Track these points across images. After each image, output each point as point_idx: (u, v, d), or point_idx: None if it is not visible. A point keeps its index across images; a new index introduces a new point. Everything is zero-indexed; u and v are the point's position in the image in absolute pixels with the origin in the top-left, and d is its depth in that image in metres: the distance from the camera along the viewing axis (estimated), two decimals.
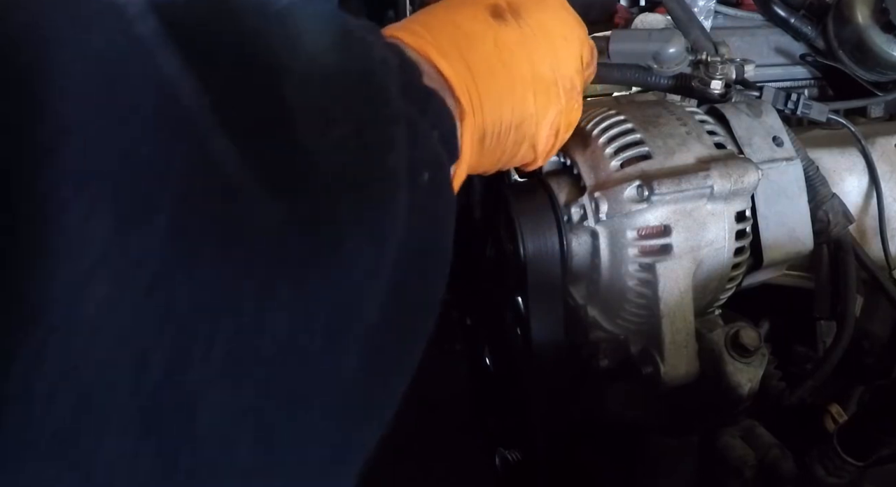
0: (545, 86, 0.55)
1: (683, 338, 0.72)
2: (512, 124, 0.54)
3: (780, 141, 0.79)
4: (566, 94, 0.58)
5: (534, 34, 0.54)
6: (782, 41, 1.02)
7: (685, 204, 0.70)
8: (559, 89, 0.57)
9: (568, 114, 0.60)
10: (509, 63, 0.52)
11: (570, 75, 0.58)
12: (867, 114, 0.99)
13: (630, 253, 0.71)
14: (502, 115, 0.52)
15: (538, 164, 0.64)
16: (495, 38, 0.52)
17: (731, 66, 0.82)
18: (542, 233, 0.73)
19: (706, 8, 0.94)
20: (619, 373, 0.78)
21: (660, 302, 0.70)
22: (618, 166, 0.72)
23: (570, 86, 0.58)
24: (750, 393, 0.74)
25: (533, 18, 0.55)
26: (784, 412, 0.79)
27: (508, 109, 0.53)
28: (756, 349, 0.73)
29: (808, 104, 0.86)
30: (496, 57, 0.51)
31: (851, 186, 0.90)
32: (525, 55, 0.53)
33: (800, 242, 0.78)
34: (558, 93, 0.57)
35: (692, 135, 0.73)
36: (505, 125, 0.53)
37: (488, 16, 0.53)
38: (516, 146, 0.57)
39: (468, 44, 0.50)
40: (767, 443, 0.74)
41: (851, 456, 0.68)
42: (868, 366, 0.88)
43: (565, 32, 0.58)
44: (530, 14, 0.55)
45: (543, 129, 0.57)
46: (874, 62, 0.95)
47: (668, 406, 0.77)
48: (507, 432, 0.94)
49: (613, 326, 0.76)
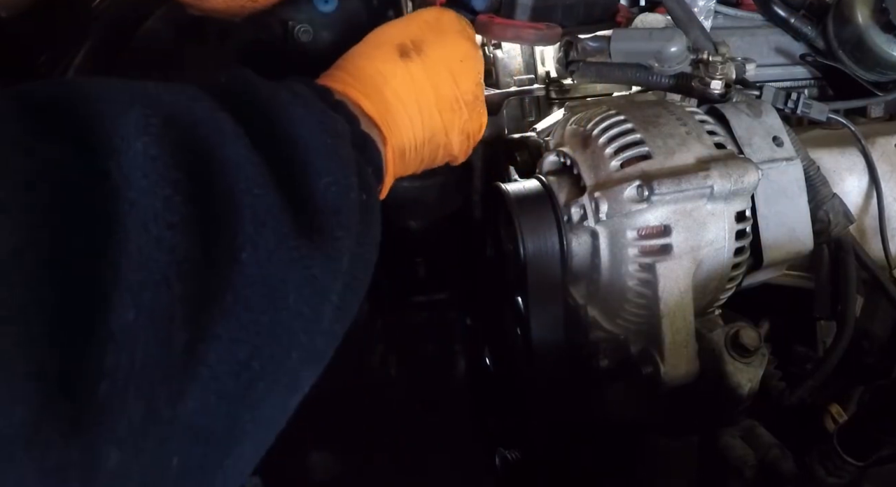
0: (448, 104, 0.68)
1: (683, 338, 0.72)
2: (425, 138, 0.67)
3: (780, 141, 0.79)
4: (468, 106, 0.70)
5: (434, 64, 0.67)
6: (782, 41, 1.02)
7: (685, 204, 0.70)
8: (461, 104, 0.70)
9: (475, 120, 0.72)
10: (417, 91, 0.66)
11: (471, 89, 0.70)
12: (867, 114, 0.99)
13: (630, 254, 0.71)
14: (415, 134, 0.66)
15: (461, 161, 0.76)
16: (404, 74, 0.65)
17: (731, 66, 0.82)
18: (542, 233, 0.73)
19: (706, 8, 0.93)
20: (619, 373, 0.78)
21: (660, 302, 0.70)
22: (618, 166, 0.72)
23: (471, 98, 0.71)
24: (750, 393, 0.74)
25: (433, 51, 0.68)
26: (784, 412, 0.79)
27: (419, 128, 0.66)
28: (756, 349, 0.73)
29: (808, 104, 0.86)
30: (405, 88, 0.65)
31: (851, 186, 0.90)
32: (429, 82, 0.67)
33: (800, 242, 0.78)
34: (461, 107, 0.70)
35: (692, 135, 0.73)
36: (419, 140, 0.67)
37: (397, 56, 0.66)
38: (433, 153, 0.70)
39: (383, 81, 0.64)
40: (767, 443, 0.74)
41: (851, 456, 0.68)
42: (868, 366, 0.88)
43: (462, 56, 0.70)
44: (432, 48, 0.68)
45: (454, 136, 0.70)
46: (874, 62, 0.95)
47: (668, 406, 0.77)
48: (507, 432, 0.94)
49: (613, 326, 0.76)
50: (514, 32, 0.88)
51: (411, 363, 1.16)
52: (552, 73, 1.03)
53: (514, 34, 0.88)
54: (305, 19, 0.93)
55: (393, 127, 0.64)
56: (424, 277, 1.11)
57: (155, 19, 0.92)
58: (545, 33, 0.88)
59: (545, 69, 1.06)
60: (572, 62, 0.89)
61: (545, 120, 0.94)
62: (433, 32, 0.69)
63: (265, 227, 0.41)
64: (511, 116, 1.03)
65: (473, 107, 0.71)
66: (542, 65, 1.07)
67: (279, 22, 0.93)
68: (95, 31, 0.95)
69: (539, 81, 1.04)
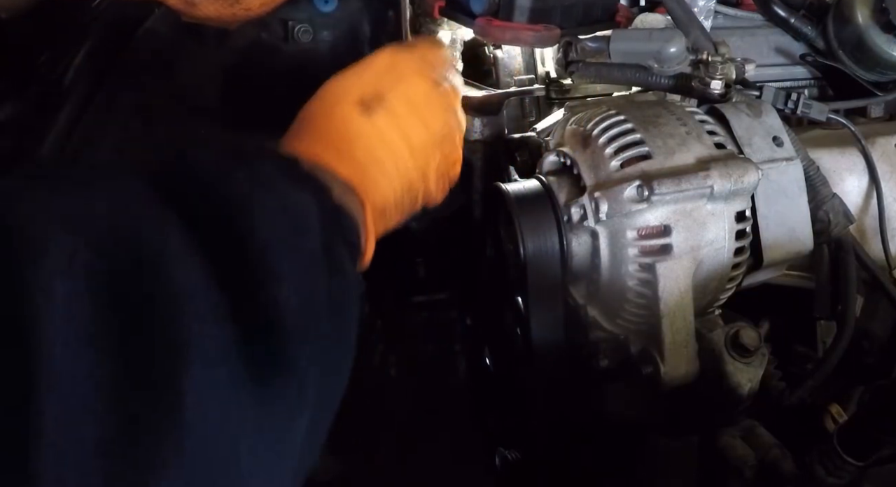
0: (420, 149, 0.66)
1: (683, 338, 0.72)
2: (403, 191, 0.65)
3: (780, 141, 0.79)
4: (439, 145, 0.68)
5: (400, 113, 0.65)
6: (782, 41, 1.02)
7: (685, 204, 0.70)
8: (432, 144, 0.68)
9: (449, 157, 0.71)
10: (388, 145, 0.64)
11: (439, 129, 0.68)
12: (867, 114, 0.99)
13: (630, 253, 0.71)
14: (394, 189, 0.64)
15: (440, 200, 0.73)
16: (370, 130, 0.63)
17: (731, 66, 0.82)
18: (542, 233, 0.73)
19: (706, 8, 0.93)
20: (619, 373, 0.78)
21: (660, 302, 0.70)
22: (618, 166, 0.72)
23: (441, 136, 0.69)
24: (750, 393, 0.74)
25: (395, 99, 0.66)
26: (784, 412, 0.79)
27: (397, 183, 0.64)
28: (756, 349, 0.73)
29: (808, 104, 0.86)
30: (376, 145, 0.63)
31: (851, 186, 0.90)
32: (398, 133, 0.65)
33: (800, 242, 0.78)
34: (433, 148, 0.68)
35: (692, 135, 0.73)
36: (398, 195, 0.65)
37: (358, 113, 0.63)
38: (412, 202, 0.68)
39: (352, 141, 0.62)
40: (767, 443, 0.74)
41: (851, 456, 0.68)
42: (868, 366, 0.88)
43: (424, 96, 0.68)
44: (393, 96, 0.66)
45: (431, 179, 0.68)
46: (874, 62, 0.95)
47: (668, 406, 0.77)
48: (507, 432, 0.94)
49: (613, 326, 0.76)
50: (512, 34, 0.88)
51: (411, 363, 1.16)
52: (552, 74, 1.03)
53: (513, 36, 0.88)
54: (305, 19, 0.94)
55: (370, 187, 0.61)
56: (424, 277, 1.11)
57: (155, 19, 0.92)
58: (543, 35, 0.88)
59: (545, 69, 1.06)
60: (572, 63, 0.89)
61: (545, 120, 0.94)
62: (390, 79, 0.67)
63: (214, 373, 0.35)
64: (511, 116, 1.03)
65: (443, 144, 0.70)
66: (542, 65, 1.07)
67: (279, 22, 0.93)
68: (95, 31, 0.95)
69: (539, 81, 1.04)
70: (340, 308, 0.48)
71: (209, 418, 0.35)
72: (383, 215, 0.64)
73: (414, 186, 0.66)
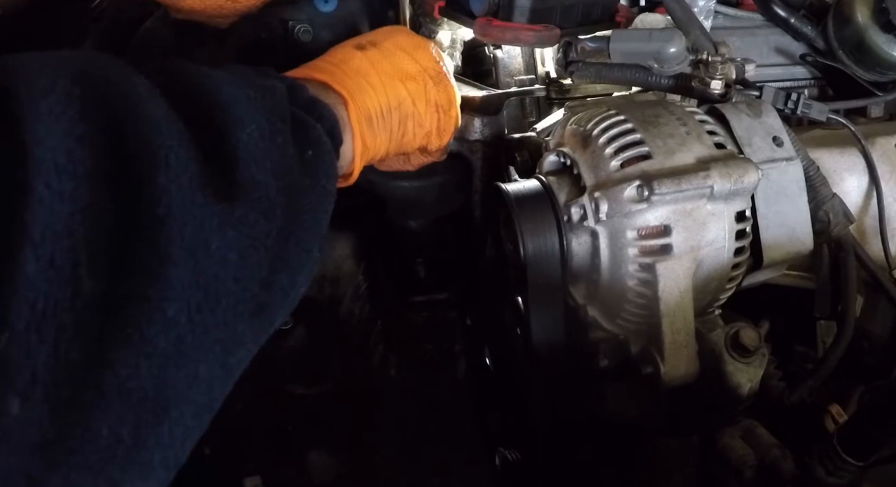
0: (412, 76, 0.73)
1: (683, 338, 0.72)
2: (391, 105, 0.70)
3: (780, 141, 0.79)
4: (433, 78, 0.74)
5: (391, 50, 0.73)
6: (782, 41, 1.02)
7: (685, 204, 0.70)
8: (425, 76, 0.74)
9: (443, 92, 0.75)
10: (375, 66, 0.71)
11: (432, 66, 0.75)
12: (867, 114, 0.99)
13: (630, 253, 0.71)
14: (380, 100, 0.69)
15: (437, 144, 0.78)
16: (361, 57, 0.71)
17: (731, 66, 0.82)
18: (542, 233, 0.73)
19: (706, 8, 0.93)
20: (619, 373, 0.78)
21: (660, 302, 0.70)
22: (618, 166, 0.72)
23: (435, 73, 0.75)
24: (750, 393, 0.74)
25: (388, 42, 0.74)
26: (784, 412, 0.79)
27: (383, 95, 0.70)
28: (756, 349, 0.73)
29: (808, 104, 0.86)
30: (365, 65, 0.70)
31: (851, 186, 0.90)
32: (387, 61, 0.72)
33: (800, 242, 0.78)
34: (425, 78, 0.73)
35: (692, 135, 0.73)
36: (384, 106, 0.69)
37: (355, 49, 0.72)
38: (403, 123, 0.72)
39: (342, 62, 0.70)
40: (767, 443, 0.74)
41: (851, 456, 0.68)
42: (868, 366, 0.88)
43: (416, 45, 0.75)
44: (385, 40, 0.74)
45: (422, 107, 0.73)
46: (874, 62, 0.95)
47: (668, 406, 0.77)
48: (507, 432, 0.94)
49: (613, 326, 0.76)
50: (512, 35, 0.88)
51: (411, 363, 1.16)
52: (552, 74, 1.03)
53: (513, 37, 0.88)
54: (305, 19, 0.93)
55: (354, 91, 0.67)
56: (424, 277, 1.11)
57: (155, 19, 0.92)
58: (543, 35, 0.88)
59: (545, 69, 1.06)
60: (572, 63, 0.89)
61: (545, 120, 0.94)
62: (385, 34, 0.77)
63: (181, 178, 0.41)
64: (511, 116, 1.03)
65: (438, 80, 0.75)
66: (542, 65, 1.07)
67: (279, 22, 0.93)
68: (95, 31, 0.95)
69: (539, 81, 1.04)
70: (315, 167, 0.55)
71: (174, 207, 0.40)
72: (370, 122, 0.69)
73: (404, 106, 0.71)
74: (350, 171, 0.70)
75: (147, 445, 0.39)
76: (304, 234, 0.51)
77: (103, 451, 0.36)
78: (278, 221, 0.47)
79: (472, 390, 1.12)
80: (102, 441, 0.36)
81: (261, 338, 0.47)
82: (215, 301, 0.42)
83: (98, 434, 0.36)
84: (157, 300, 0.38)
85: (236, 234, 0.43)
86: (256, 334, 0.46)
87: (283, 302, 0.49)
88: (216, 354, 0.42)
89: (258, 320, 0.46)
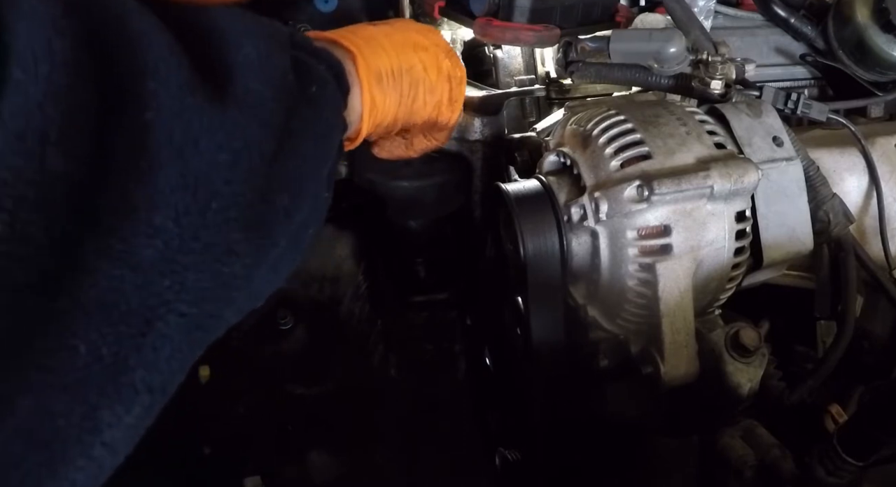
0: (423, 46, 0.72)
1: (683, 338, 0.72)
2: (402, 68, 0.69)
3: (780, 141, 0.79)
4: (444, 52, 0.74)
5: (403, 27, 0.73)
6: (782, 41, 1.02)
7: (685, 204, 0.70)
8: (437, 47, 0.73)
9: (455, 64, 0.75)
10: (388, 34, 0.70)
11: (442, 43, 0.75)
12: (867, 114, 0.99)
13: (630, 253, 0.71)
14: (390, 61, 0.68)
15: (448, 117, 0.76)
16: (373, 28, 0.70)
17: (731, 66, 0.82)
18: (542, 233, 0.73)
19: (706, 8, 0.93)
20: (619, 373, 0.78)
21: (660, 302, 0.70)
22: (618, 166, 0.72)
23: (446, 48, 0.75)
24: (750, 393, 0.74)
25: (399, 23, 0.74)
26: (784, 412, 0.79)
27: (395, 56, 0.68)
28: (756, 349, 0.73)
29: (808, 104, 0.86)
30: (377, 32, 0.70)
31: (851, 186, 0.90)
32: (399, 34, 0.71)
33: (800, 242, 0.78)
34: (437, 49, 0.73)
35: (692, 135, 0.73)
36: (395, 67, 0.68)
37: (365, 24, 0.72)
38: (414, 88, 0.71)
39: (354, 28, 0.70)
40: (767, 443, 0.74)
41: (851, 456, 0.68)
42: (868, 366, 0.88)
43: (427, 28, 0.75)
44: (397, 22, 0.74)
45: (433, 74, 0.72)
46: (874, 62, 0.95)
47: (668, 406, 0.77)
48: (507, 432, 0.95)
49: (613, 326, 0.76)
50: (512, 35, 0.88)
51: (411, 363, 1.16)
52: (552, 74, 1.03)
53: (513, 36, 0.88)
54: (305, 19, 0.94)
55: (364, 48, 0.66)
56: (424, 277, 1.11)
57: None
58: (543, 35, 0.88)
59: (545, 69, 1.06)
60: (572, 63, 0.89)
61: (545, 120, 0.94)
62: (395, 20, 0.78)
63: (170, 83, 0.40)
64: (511, 116, 1.03)
65: (450, 54, 0.75)
66: (542, 65, 1.07)
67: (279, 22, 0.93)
68: None
69: (539, 82, 1.04)
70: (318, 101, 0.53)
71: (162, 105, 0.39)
72: (379, 80, 0.67)
73: (414, 71, 0.70)
74: (358, 130, 0.67)
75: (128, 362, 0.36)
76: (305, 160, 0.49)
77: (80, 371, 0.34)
78: (274, 132, 0.45)
79: (472, 390, 1.12)
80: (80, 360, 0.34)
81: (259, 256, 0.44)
82: (204, 203, 0.40)
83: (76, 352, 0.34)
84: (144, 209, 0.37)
85: (227, 136, 0.42)
86: (254, 248, 0.44)
87: (286, 223, 0.47)
88: (206, 261, 0.40)
89: (255, 233, 0.44)
